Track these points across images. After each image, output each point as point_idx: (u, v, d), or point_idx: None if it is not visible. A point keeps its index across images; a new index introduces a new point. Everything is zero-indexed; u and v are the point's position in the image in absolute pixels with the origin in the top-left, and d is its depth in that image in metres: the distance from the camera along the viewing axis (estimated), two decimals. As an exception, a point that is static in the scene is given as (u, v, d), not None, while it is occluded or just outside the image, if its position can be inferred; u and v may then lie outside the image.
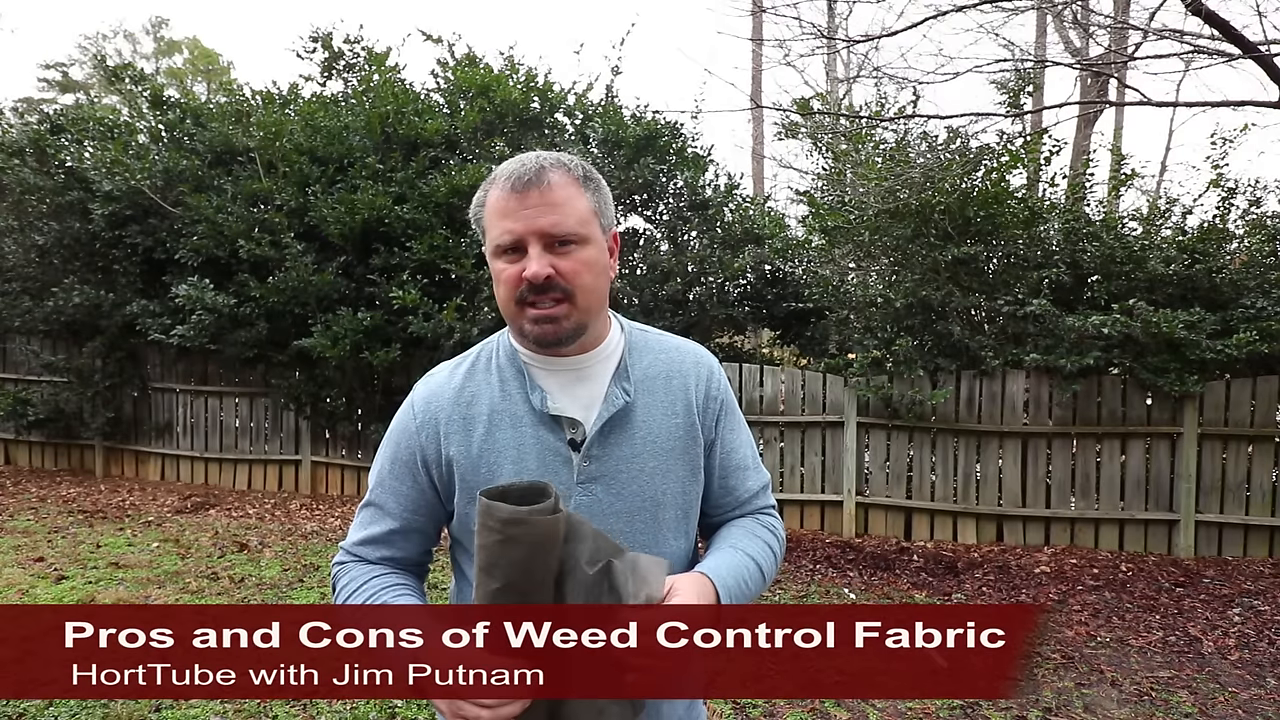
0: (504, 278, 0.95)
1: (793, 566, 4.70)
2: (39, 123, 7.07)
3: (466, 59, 6.62)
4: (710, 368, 1.08)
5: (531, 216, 0.92)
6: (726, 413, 1.08)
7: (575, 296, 0.94)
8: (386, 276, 5.89)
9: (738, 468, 1.09)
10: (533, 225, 0.92)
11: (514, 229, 0.93)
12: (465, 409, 1.00)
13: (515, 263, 0.94)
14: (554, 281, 0.92)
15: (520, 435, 0.97)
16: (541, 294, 0.93)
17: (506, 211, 0.93)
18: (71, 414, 6.88)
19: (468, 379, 1.03)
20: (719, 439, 1.07)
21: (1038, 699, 2.95)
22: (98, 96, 19.53)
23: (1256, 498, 4.76)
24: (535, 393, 0.99)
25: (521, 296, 0.94)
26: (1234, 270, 4.93)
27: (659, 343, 1.08)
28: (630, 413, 1.00)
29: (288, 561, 4.63)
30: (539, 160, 0.95)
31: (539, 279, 0.92)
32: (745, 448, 1.11)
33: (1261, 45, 4.07)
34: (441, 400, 1.02)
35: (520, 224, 0.92)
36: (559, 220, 0.93)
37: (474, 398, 1.01)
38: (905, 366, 5.17)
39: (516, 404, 0.99)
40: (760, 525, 1.09)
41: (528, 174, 0.93)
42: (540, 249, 0.92)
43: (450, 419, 1.00)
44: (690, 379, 1.05)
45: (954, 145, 5.29)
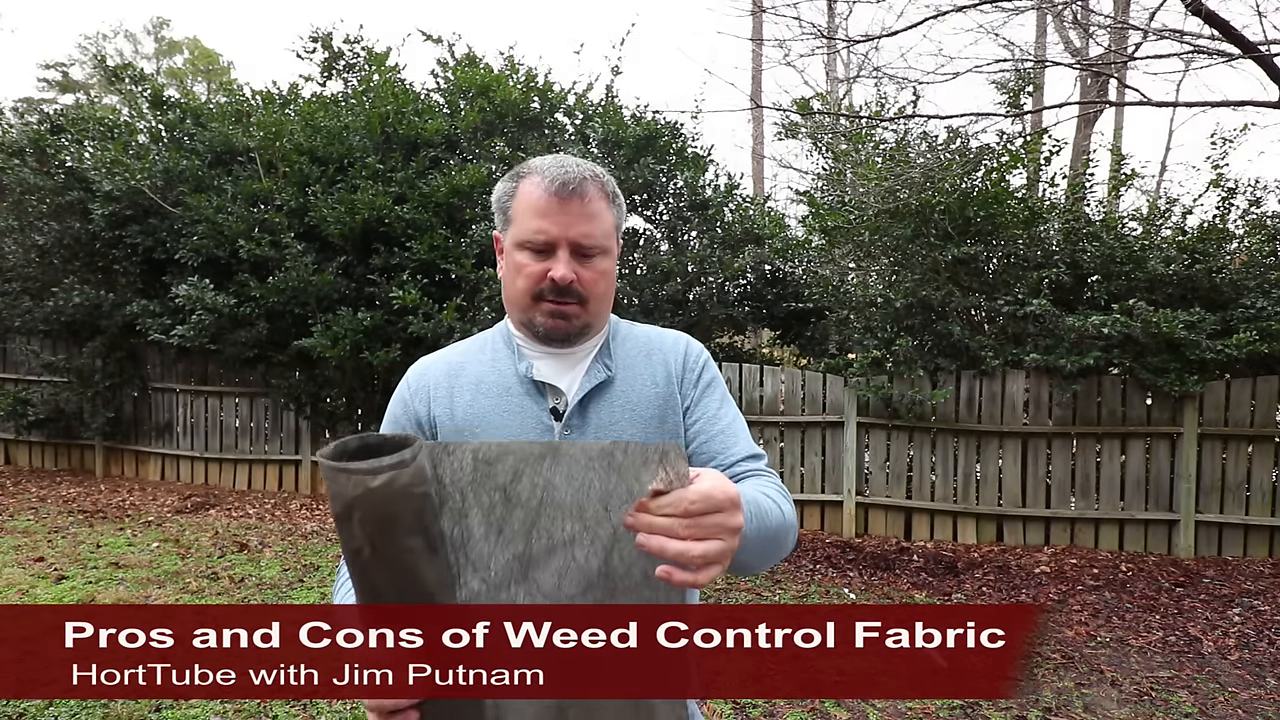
0: (526, 272, 0.99)
1: (793, 566, 4.70)
2: (39, 123, 7.07)
3: (466, 59, 6.62)
4: (689, 342, 1.11)
5: (568, 224, 0.97)
6: (708, 384, 1.08)
7: (589, 303, 1.00)
8: (386, 276, 5.89)
9: (723, 432, 1.04)
10: (568, 233, 0.97)
11: (550, 231, 0.97)
12: (453, 377, 1.05)
13: (541, 261, 0.98)
14: (574, 287, 0.98)
15: (504, 402, 1.01)
16: (561, 296, 0.98)
17: (544, 212, 0.97)
18: (71, 414, 6.88)
19: (461, 354, 1.09)
20: (697, 405, 1.06)
21: (1038, 699, 2.95)
22: (98, 96, 19.55)
23: (1256, 498, 4.76)
24: (522, 363, 1.03)
25: (541, 293, 0.99)
26: (1234, 270, 4.93)
27: (643, 330, 1.13)
28: (611, 384, 1.03)
29: (288, 561, 4.63)
30: (580, 170, 0.99)
31: (565, 282, 0.97)
32: (733, 419, 1.07)
33: (1261, 45, 4.07)
34: (433, 371, 1.07)
35: (556, 229, 0.97)
36: (590, 232, 0.98)
37: (462, 368, 1.06)
38: (905, 366, 5.18)
39: (504, 374, 1.03)
40: (761, 480, 0.99)
41: (572, 182, 0.97)
42: (568, 254, 0.98)
43: (438, 385, 1.04)
44: (669, 353, 1.08)
45: (954, 145, 5.30)
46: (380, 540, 0.69)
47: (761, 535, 0.86)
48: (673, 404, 1.05)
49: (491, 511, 0.73)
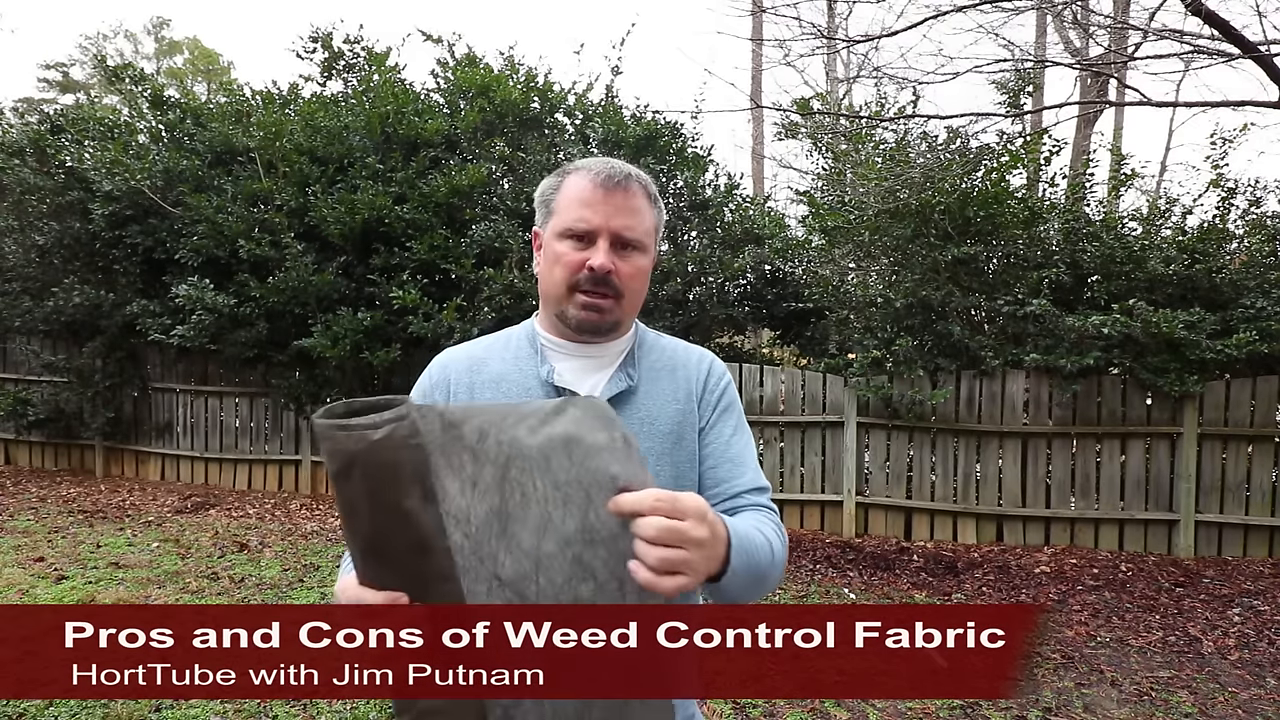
0: (565, 260, 0.99)
1: (793, 566, 4.70)
2: (39, 123, 7.07)
3: (466, 59, 6.62)
4: (713, 362, 1.12)
5: (611, 214, 0.99)
6: (725, 408, 1.09)
7: (624, 298, 1.01)
8: (386, 276, 5.90)
9: (732, 460, 1.06)
10: (610, 222, 0.98)
11: (593, 220, 0.99)
12: (475, 373, 1.05)
13: (581, 250, 0.99)
14: (611, 278, 0.99)
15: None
16: (598, 286, 0.99)
17: (589, 202, 0.99)
18: (71, 414, 6.88)
19: (485, 350, 1.09)
20: (711, 428, 1.07)
21: (1038, 699, 2.95)
22: (98, 96, 19.53)
23: (1256, 498, 4.76)
24: (545, 366, 1.03)
25: (577, 283, 0.99)
26: (1234, 270, 4.93)
27: (670, 342, 1.13)
28: (632, 395, 1.03)
29: (288, 561, 4.63)
30: (626, 168, 1.02)
31: (603, 270, 0.97)
32: (744, 448, 1.09)
33: (1261, 45, 4.07)
34: (457, 364, 1.07)
35: (600, 218, 0.98)
36: (633, 225, 1.00)
37: (485, 363, 1.06)
38: (905, 366, 5.17)
39: (526, 374, 1.04)
40: (760, 515, 1.01)
41: (618, 175, 1.00)
42: (608, 245, 0.98)
43: (459, 379, 1.05)
44: (693, 371, 1.09)
45: (954, 145, 5.29)
46: (382, 491, 0.71)
47: (749, 570, 0.86)
48: (690, 422, 1.05)
49: (462, 470, 0.74)
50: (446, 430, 0.74)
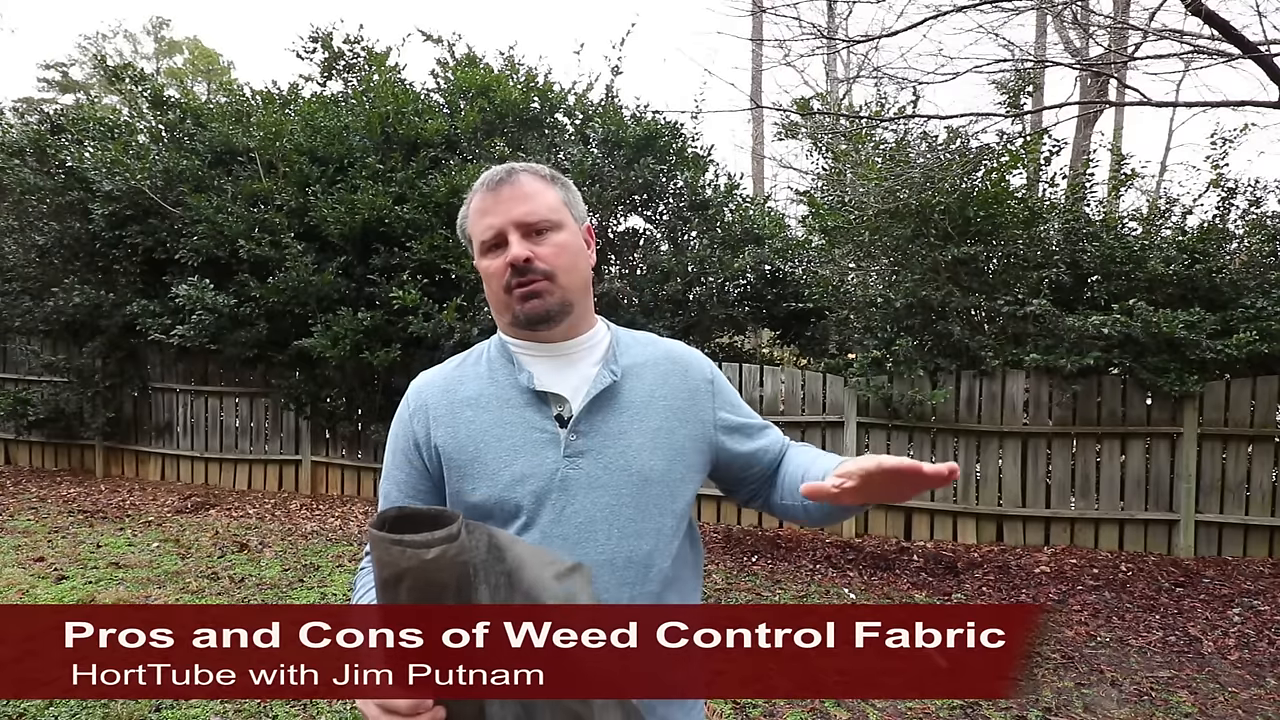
0: (491, 271, 1.02)
1: (793, 566, 4.70)
2: (39, 123, 7.07)
3: (466, 59, 6.62)
4: (700, 358, 1.15)
5: (507, 210, 1.01)
6: (729, 396, 1.14)
7: (556, 276, 1.01)
8: (386, 276, 5.89)
9: (762, 429, 1.17)
10: (509, 216, 1.01)
11: (494, 223, 1.01)
12: (452, 394, 1.05)
13: (499, 255, 1.01)
14: (534, 264, 1.00)
15: (505, 415, 1.02)
16: (524, 275, 1.00)
17: (486, 210, 1.02)
18: (71, 414, 6.88)
19: (458, 369, 1.09)
20: (735, 415, 1.13)
21: (1038, 699, 2.95)
22: (98, 96, 19.54)
23: (1256, 498, 4.76)
24: (522, 374, 1.03)
25: (507, 284, 1.01)
26: (1234, 270, 4.93)
27: (648, 338, 1.14)
28: (617, 391, 1.04)
29: (288, 561, 4.63)
30: (508, 165, 1.05)
31: (520, 260, 0.99)
32: (748, 418, 1.16)
33: (1261, 45, 4.07)
34: (432, 388, 1.07)
35: (498, 217, 1.01)
36: (532, 209, 1.01)
37: (461, 383, 1.06)
38: (905, 366, 5.17)
39: (504, 387, 1.04)
40: (800, 446, 1.20)
41: (498, 174, 1.03)
42: (519, 236, 1.00)
43: (438, 403, 1.05)
44: (689, 369, 1.11)
45: (954, 145, 5.29)
46: (425, 601, 0.78)
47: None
48: (681, 417, 1.06)
49: (497, 591, 0.82)
50: (491, 551, 0.82)
